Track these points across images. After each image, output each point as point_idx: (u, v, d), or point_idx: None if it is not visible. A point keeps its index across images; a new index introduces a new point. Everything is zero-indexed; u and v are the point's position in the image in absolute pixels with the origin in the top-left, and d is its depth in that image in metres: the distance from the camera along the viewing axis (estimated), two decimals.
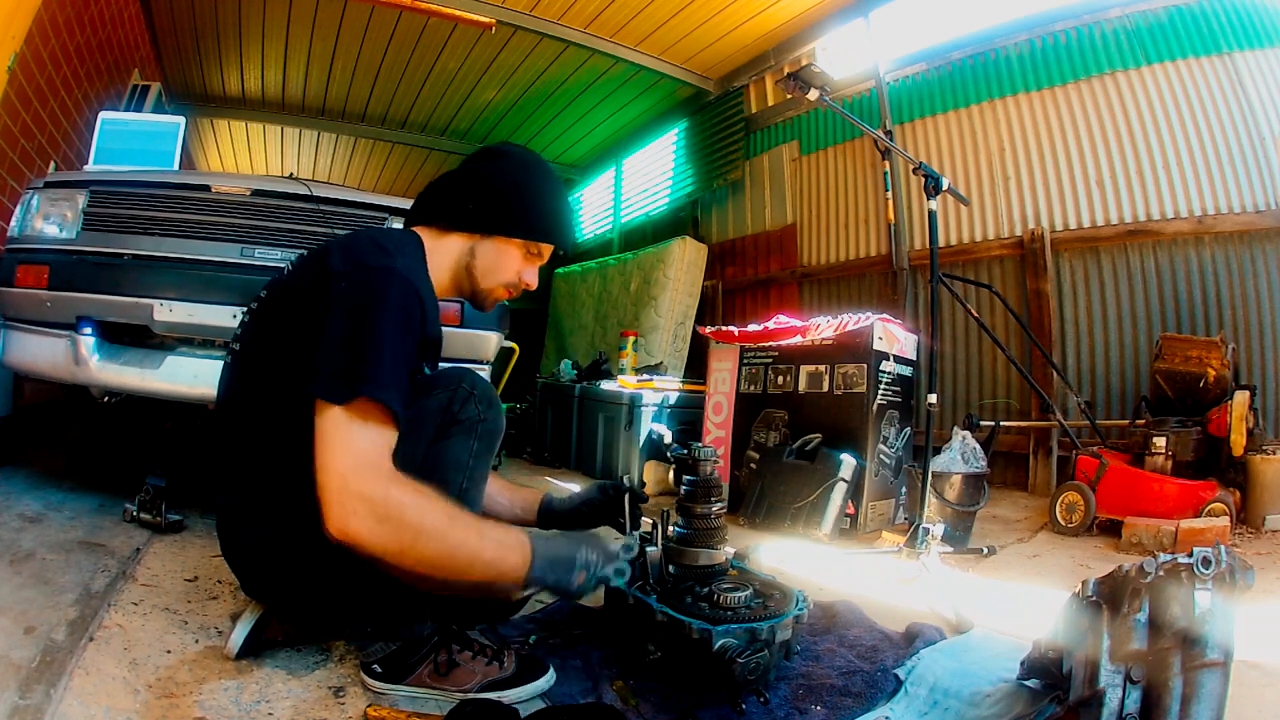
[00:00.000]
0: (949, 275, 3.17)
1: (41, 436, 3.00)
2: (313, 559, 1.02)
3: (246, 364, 1.12)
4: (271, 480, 1.06)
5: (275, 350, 1.06)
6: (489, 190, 1.18)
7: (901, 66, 4.26)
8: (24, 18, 2.70)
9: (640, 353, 4.88)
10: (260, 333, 1.11)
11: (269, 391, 1.06)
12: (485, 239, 1.18)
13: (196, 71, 5.57)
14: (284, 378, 1.02)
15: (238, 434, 1.11)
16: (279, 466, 1.04)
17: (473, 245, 1.18)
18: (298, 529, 1.00)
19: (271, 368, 1.06)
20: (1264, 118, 2.94)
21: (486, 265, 1.19)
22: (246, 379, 1.11)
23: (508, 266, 1.21)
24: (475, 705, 1.01)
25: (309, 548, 0.99)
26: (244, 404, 1.11)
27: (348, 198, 2.15)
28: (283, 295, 1.10)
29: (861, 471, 2.46)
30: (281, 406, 1.02)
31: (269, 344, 1.08)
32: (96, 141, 2.68)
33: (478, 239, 1.18)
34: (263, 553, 1.09)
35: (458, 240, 1.18)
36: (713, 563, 1.24)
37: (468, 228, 1.18)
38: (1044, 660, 1.01)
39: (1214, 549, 0.79)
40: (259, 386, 1.09)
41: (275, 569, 1.09)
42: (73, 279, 1.91)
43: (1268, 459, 2.46)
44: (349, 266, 1.02)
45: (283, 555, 1.07)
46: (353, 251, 1.05)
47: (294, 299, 1.07)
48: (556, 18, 4.66)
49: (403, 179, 7.79)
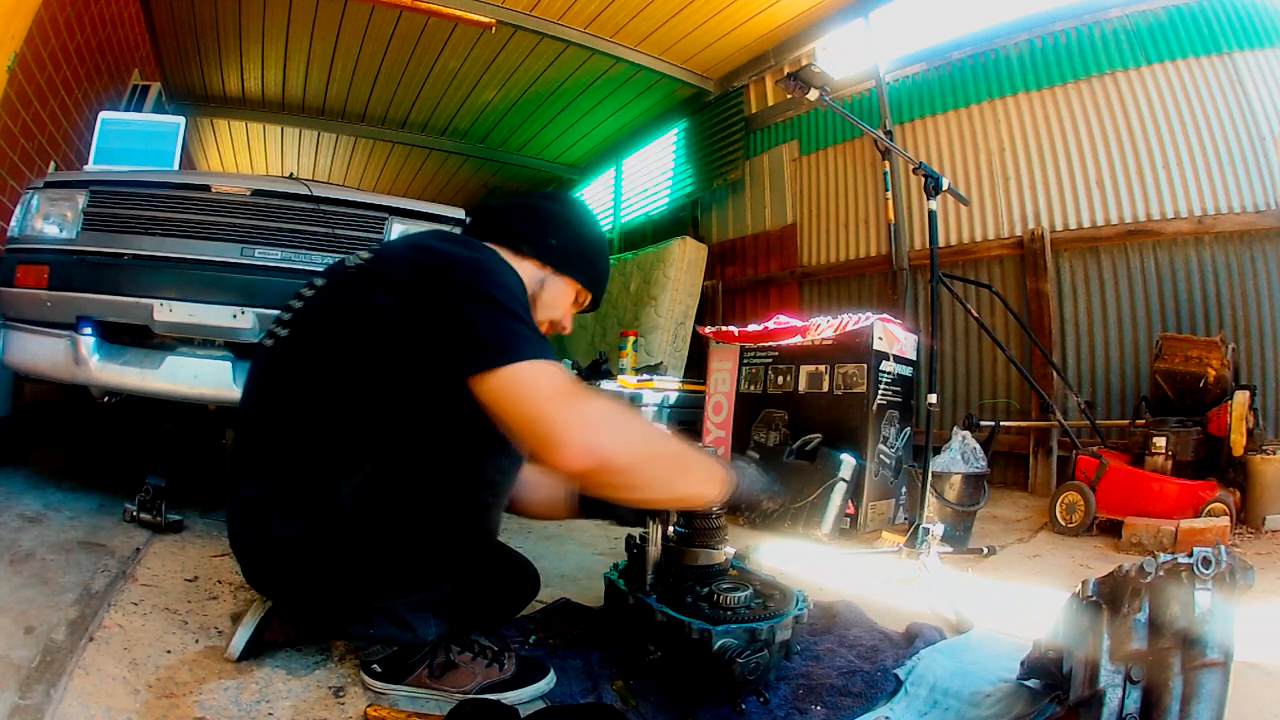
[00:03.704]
0: (949, 275, 3.18)
1: (41, 436, 3.00)
2: (340, 554, 1.02)
3: (301, 353, 1.09)
4: (311, 472, 1.03)
5: (347, 342, 1.04)
6: (571, 234, 1.27)
7: (901, 66, 4.26)
8: (24, 18, 2.70)
9: (640, 353, 4.88)
10: (325, 320, 1.09)
11: (330, 382, 1.04)
12: (557, 274, 1.25)
13: (196, 71, 5.57)
14: (358, 370, 1.02)
15: (278, 423, 1.07)
16: (322, 459, 1.02)
17: (544, 277, 1.24)
18: (331, 522, 1.01)
19: (339, 359, 1.04)
20: (1264, 118, 2.95)
21: (550, 298, 1.25)
22: (299, 368, 1.08)
23: (563, 304, 1.28)
24: (475, 705, 1.01)
25: (339, 542, 1.01)
26: (292, 394, 1.07)
27: (348, 198, 2.15)
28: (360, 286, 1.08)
29: (861, 471, 2.46)
30: (343, 398, 1.03)
31: (339, 333, 1.05)
32: (96, 141, 2.67)
33: (550, 271, 1.24)
34: (288, 546, 1.05)
35: (532, 267, 1.22)
36: (713, 563, 1.24)
37: (546, 260, 1.23)
38: (1044, 660, 1.01)
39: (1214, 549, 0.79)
40: (316, 377, 1.05)
41: (299, 563, 1.06)
42: (73, 279, 1.91)
43: (1268, 459, 2.46)
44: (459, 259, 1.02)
45: (310, 549, 1.04)
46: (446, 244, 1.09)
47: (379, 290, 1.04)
48: (556, 18, 4.66)
49: (403, 179, 7.79)
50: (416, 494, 1.04)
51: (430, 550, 1.08)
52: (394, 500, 1.03)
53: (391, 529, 1.04)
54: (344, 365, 1.04)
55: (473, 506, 1.11)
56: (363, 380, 1.03)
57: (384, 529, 1.04)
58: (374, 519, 1.03)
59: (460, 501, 1.08)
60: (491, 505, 1.14)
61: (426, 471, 1.04)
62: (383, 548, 1.05)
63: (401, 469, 1.03)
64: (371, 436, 1.03)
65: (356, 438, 1.02)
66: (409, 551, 1.06)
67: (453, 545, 1.10)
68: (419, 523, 1.06)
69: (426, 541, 1.07)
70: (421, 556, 1.07)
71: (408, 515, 1.05)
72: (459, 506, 1.09)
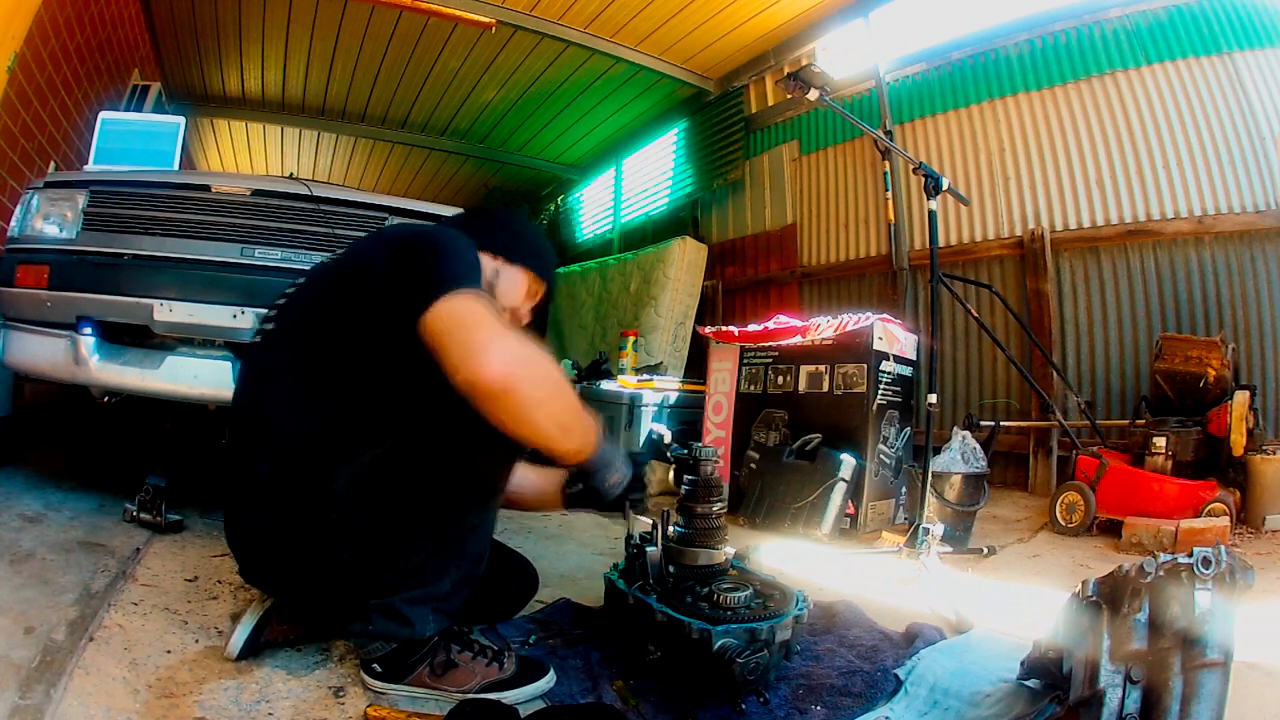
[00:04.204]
0: (949, 275, 3.17)
1: (41, 436, 3.00)
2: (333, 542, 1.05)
3: (289, 343, 1.16)
4: (305, 459, 1.07)
5: (331, 319, 1.12)
6: (516, 231, 1.39)
7: (901, 66, 4.26)
8: (24, 18, 2.70)
9: (640, 353, 4.88)
10: (308, 308, 1.18)
11: (319, 368, 1.11)
12: (509, 264, 1.33)
13: (196, 71, 5.57)
14: (343, 340, 1.10)
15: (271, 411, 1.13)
16: (316, 445, 1.07)
17: (498, 267, 1.31)
18: (325, 510, 1.04)
19: (326, 343, 1.11)
20: (1264, 118, 2.94)
21: (505, 287, 1.33)
22: (288, 357, 1.14)
23: (518, 293, 1.35)
24: (475, 705, 1.01)
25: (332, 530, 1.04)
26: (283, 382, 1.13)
27: (348, 198, 2.15)
28: (335, 275, 1.19)
29: (861, 471, 2.46)
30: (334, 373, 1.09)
31: (321, 315, 1.14)
32: (96, 141, 2.68)
33: (501, 262, 1.32)
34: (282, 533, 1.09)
35: (486, 258, 1.28)
36: (713, 563, 1.24)
37: (497, 251, 1.32)
38: (1044, 660, 1.01)
39: (1214, 549, 0.79)
40: (306, 364, 1.12)
41: (293, 551, 1.10)
42: (73, 279, 1.91)
43: (1268, 459, 2.46)
44: (419, 232, 1.14)
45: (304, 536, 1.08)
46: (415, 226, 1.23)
47: (352, 274, 1.15)
48: (556, 18, 4.66)
49: (402, 179, 7.79)
50: (412, 485, 1.07)
51: (425, 543, 1.09)
52: (389, 491, 1.06)
53: (386, 519, 1.07)
54: (331, 348, 1.10)
55: (468, 499, 1.13)
56: (351, 361, 1.09)
57: (378, 519, 1.07)
58: (368, 508, 1.06)
59: (456, 494, 1.10)
60: (488, 498, 1.17)
61: (423, 463, 1.06)
62: (377, 537, 1.07)
63: (398, 459, 1.06)
64: (369, 424, 1.07)
65: (354, 424, 1.07)
66: (403, 542, 1.08)
67: (448, 538, 1.11)
68: (414, 514, 1.08)
69: (421, 533, 1.09)
70: (416, 548, 1.09)
71: (403, 506, 1.07)
72: (454, 499, 1.10)
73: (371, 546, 1.07)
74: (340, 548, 1.06)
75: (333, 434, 1.07)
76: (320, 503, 1.05)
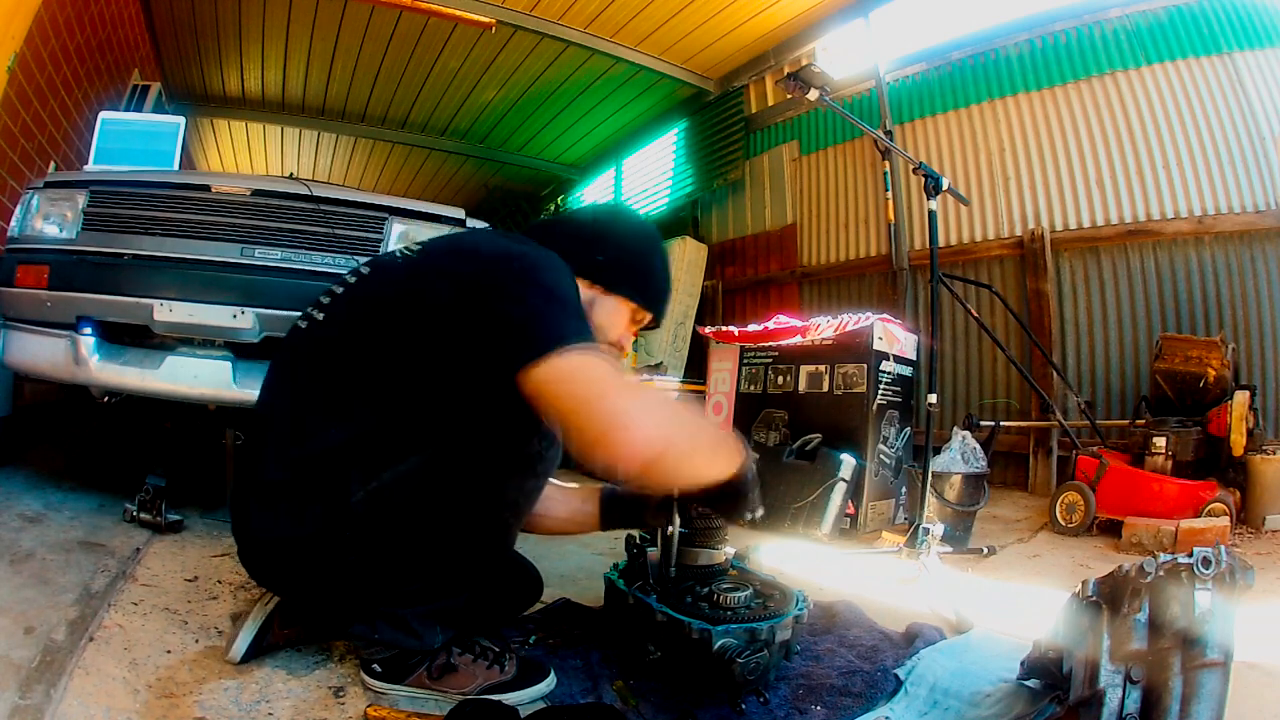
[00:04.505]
0: (949, 275, 3.17)
1: (41, 436, 3.00)
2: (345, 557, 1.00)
3: (335, 342, 1.06)
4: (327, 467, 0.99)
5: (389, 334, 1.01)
6: (621, 250, 1.19)
7: (901, 66, 4.26)
8: (24, 18, 2.70)
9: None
10: (357, 319, 1.06)
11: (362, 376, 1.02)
12: (607, 294, 1.17)
13: (196, 71, 5.57)
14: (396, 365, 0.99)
15: (301, 412, 1.04)
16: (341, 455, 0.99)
17: (593, 297, 1.15)
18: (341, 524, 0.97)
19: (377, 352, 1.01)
20: (1264, 118, 2.95)
21: (601, 320, 1.16)
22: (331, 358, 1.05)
23: (618, 326, 1.20)
24: (475, 705, 1.01)
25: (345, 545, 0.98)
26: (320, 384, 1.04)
27: (348, 198, 2.15)
28: (404, 278, 1.06)
29: (861, 471, 2.46)
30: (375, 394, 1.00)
31: (379, 325, 1.03)
32: (96, 141, 2.67)
33: (599, 291, 1.16)
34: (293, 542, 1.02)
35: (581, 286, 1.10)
36: (713, 563, 1.24)
37: (594, 278, 1.15)
38: (1044, 660, 1.01)
39: (1214, 549, 0.79)
40: (348, 369, 1.03)
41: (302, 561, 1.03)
42: (73, 279, 1.91)
43: (1268, 459, 2.46)
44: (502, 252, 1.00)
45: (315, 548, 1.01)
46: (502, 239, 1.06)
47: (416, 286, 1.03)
48: (556, 18, 4.66)
49: (403, 179, 7.79)
50: (435, 508, 1.01)
51: (443, 565, 1.06)
52: (411, 509, 1.00)
53: (405, 537, 1.01)
54: (382, 359, 1.01)
55: (492, 526, 1.09)
56: (400, 377, 0.99)
57: (397, 537, 1.01)
58: (386, 526, 0.99)
59: (480, 521, 1.06)
60: (511, 525, 1.13)
61: (449, 487, 1.01)
62: (391, 557, 1.02)
63: (422, 481, 0.99)
64: (397, 440, 0.99)
65: (381, 439, 0.99)
66: (419, 564, 1.04)
67: (467, 562, 1.09)
68: (435, 534, 1.03)
69: (439, 556, 1.05)
70: (432, 570, 1.06)
71: (424, 525, 1.02)
72: (478, 525, 1.07)
73: (387, 563, 1.02)
74: (354, 563, 1.01)
75: (357, 449, 0.99)
76: (336, 518, 0.98)
